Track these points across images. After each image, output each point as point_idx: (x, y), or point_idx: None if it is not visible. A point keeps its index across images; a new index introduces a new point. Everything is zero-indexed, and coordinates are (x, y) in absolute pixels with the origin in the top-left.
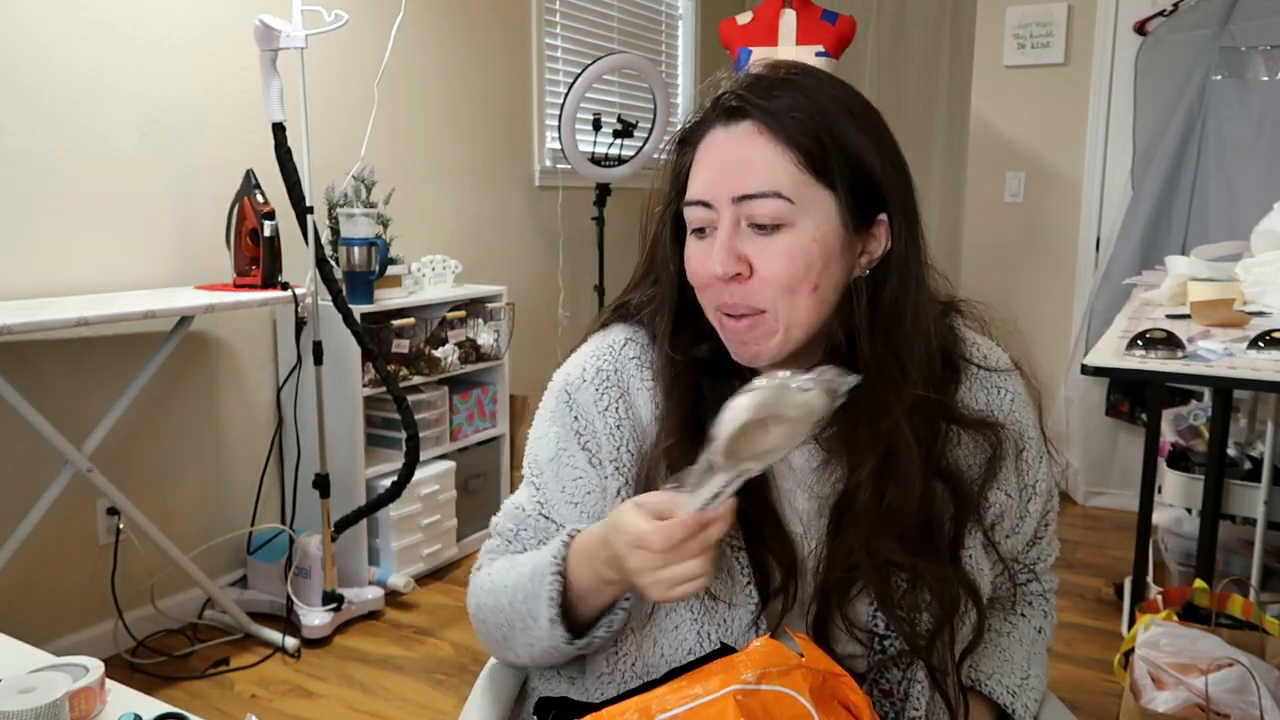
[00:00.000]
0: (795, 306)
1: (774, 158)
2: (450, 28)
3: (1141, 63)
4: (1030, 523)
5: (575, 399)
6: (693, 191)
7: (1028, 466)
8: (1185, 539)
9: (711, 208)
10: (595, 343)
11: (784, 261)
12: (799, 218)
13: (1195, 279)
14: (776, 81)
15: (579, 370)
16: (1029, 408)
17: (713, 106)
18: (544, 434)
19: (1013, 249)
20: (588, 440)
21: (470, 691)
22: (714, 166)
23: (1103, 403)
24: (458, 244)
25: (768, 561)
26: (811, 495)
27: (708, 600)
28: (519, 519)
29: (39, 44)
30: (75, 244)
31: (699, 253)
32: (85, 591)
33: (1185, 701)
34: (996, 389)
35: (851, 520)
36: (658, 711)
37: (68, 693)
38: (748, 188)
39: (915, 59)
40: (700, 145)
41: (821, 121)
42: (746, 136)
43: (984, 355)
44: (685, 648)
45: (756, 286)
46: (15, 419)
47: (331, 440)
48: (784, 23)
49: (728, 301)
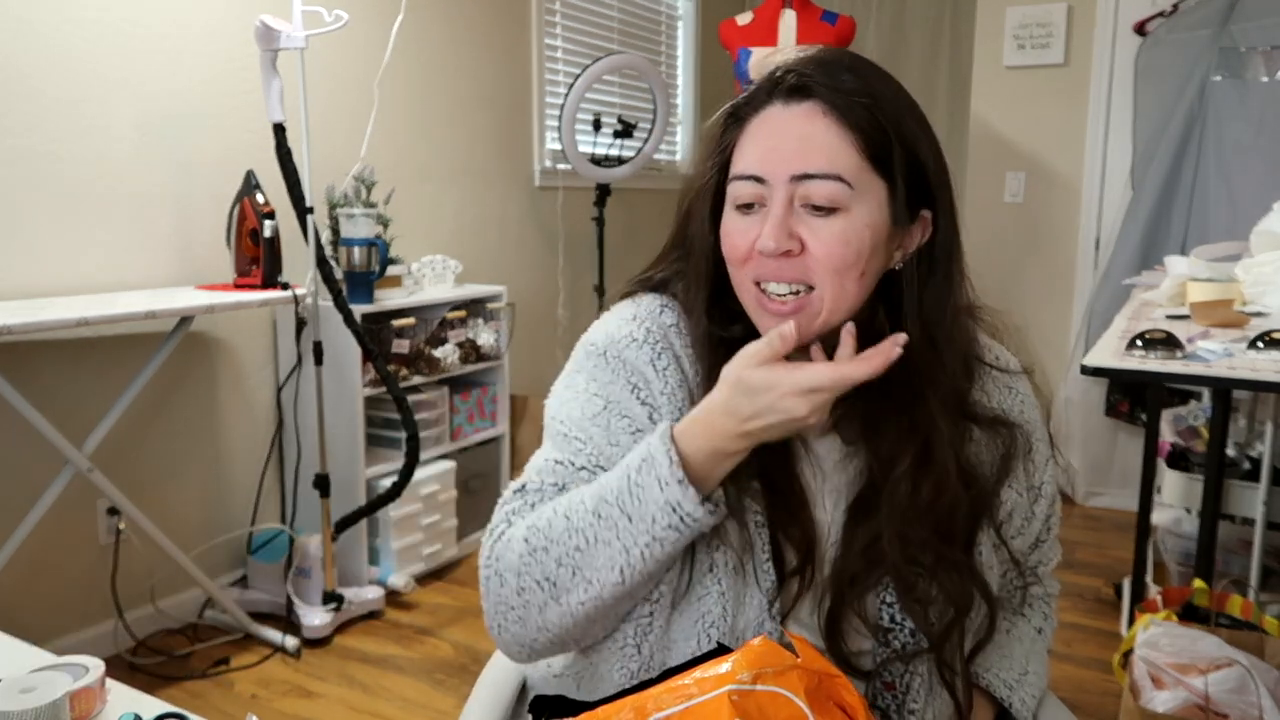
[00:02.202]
0: (842, 291)
1: (837, 140)
2: (450, 28)
3: (1141, 63)
4: (1036, 524)
5: (625, 357)
6: (744, 165)
7: (1035, 468)
8: (1185, 539)
9: (765, 183)
10: (632, 307)
11: (838, 244)
12: (854, 203)
13: (1195, 279)
14: (841, 65)
15: (625, 330)
16: (1037, 410)
17: (771, 83)
18: (582, 392)
19: (1013, 249)
20: (646, 395)
21: (470, 691)
22: (771, 143)
23: (1102, 403)
24: (458, 244)
25: (784, 545)
26: (832, 484)
27: (734, 573)
28: (561, 474)
29: (39, 44)
30: (75, 244)
31: (743, 226)
32: (85, 591)
33: (1185, 701)
34: (1009, 389)
35: (882, 511)
36: (653, 711)
37: (68, 692)
38: (809, 167)
39: (915, 59)
40: (753, 121)
41: (884, 111)
42: (810, 116)
43: (996, 357)
44: (709, 619)
45: (807, 264)
46: (15, 419)
47: (331, 440)
48: (784, 23)
49: (770, 275)
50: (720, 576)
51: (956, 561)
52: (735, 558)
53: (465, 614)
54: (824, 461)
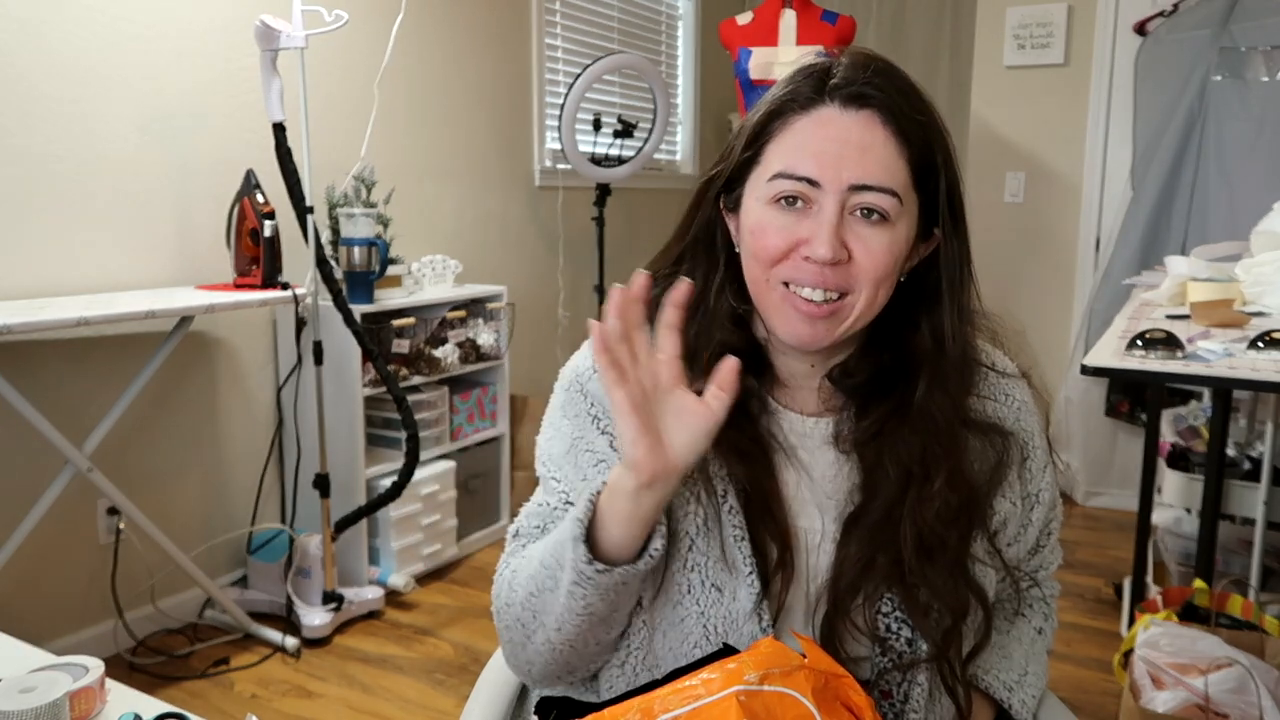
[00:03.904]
0: (875, 300)
1: (893, 154)
2: (450, 28)
3: (1141, 63)
4: (1033, 531)
5: (588, 390)
6: (793, 164)
7: (1031, 475)
8: (1185, 539)
9: (818, 186)
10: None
11: (884, 256)
12: (900, 217)
13: (1195, 279)
14: (897, 76)
15: (588, 363)
16: (1035, 416)
17: (821, 84)
18: (556, 429)
19: (1013, 249)
20: (607, 425)
21: (470, 691)
22: (828, 147)
23: (1102, 403)
24: (458, 244)
25: (769, 552)
26: (824, 492)
27: (714, 592)
28: (543, 515)
29: (39, 44)
30: (75, 244)
31: (781, 224)
32: (85, 591)
33: (1185, 701)
34: (1005, 395)
35: (876, 520)
36: (660, 712)
37: (68, 692)
38: (868, 178)
39: (915, 59)
40: (800, 119)
41: (933, 130)
42: (869, 125)
43: (993, 362)
44: (691, 640)
45: (851, 272)
46: (15, 419)
47: (331, 440)
48: (784, 23)
49: (809, 280)
50: (699, 597)
51: (951, 569)
52: (715, 574)
53: (465, 614)
54: (812, 470)
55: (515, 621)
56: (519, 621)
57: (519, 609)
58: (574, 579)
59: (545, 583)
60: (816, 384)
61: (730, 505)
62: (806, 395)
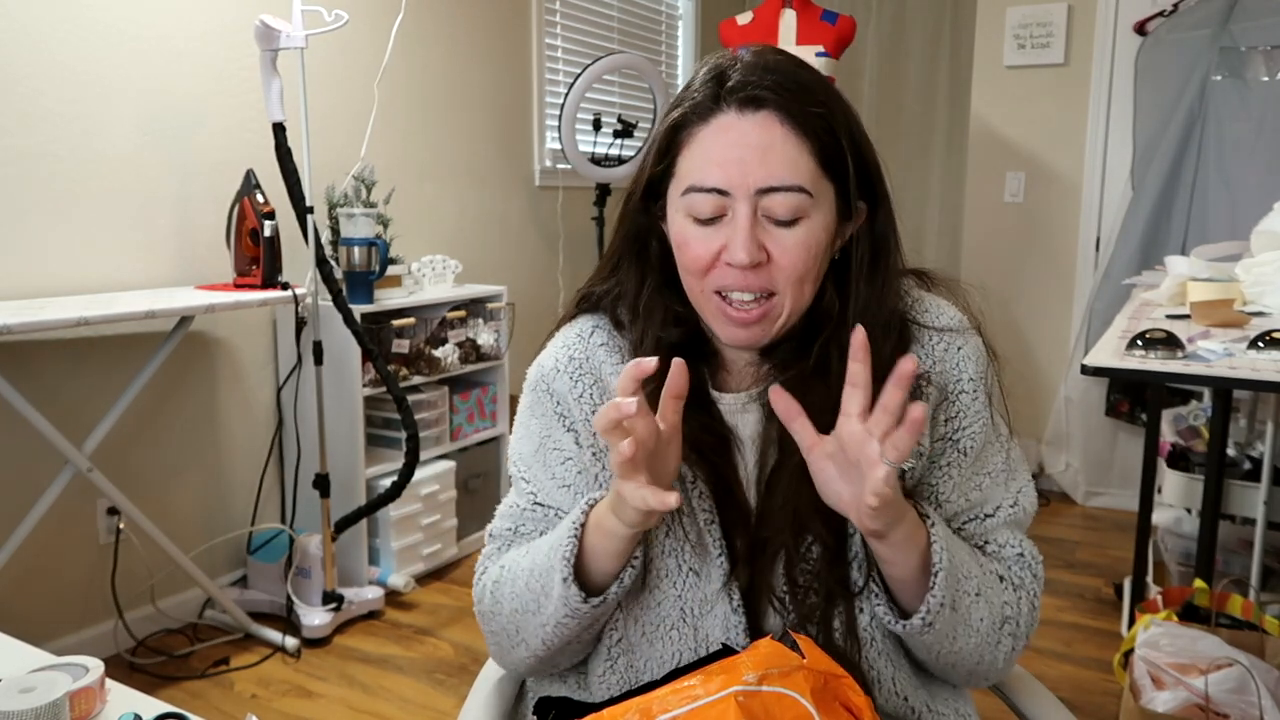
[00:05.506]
0: (801, 294)
1: (795, 150)
2: (450, 28)
3: (1141, 63)
4: (954, 480)
5: (553, 387)
6: (702, 177)
7: (949, 417)
8: (1185, 539)
9: (728, 195)
10: (563, 334)
11: (801, 253)
12: (814, 210)
13: (1195, 279)
14: (788, 70)
15: (551, 361)
16: (972, 361)
17: (718, 90)
18: (525, 428)
19: (1013, 249)
20: (572, 422)
21: (470, 691)
22: (731, 154)
23: (1102, 403)
24: (458, 244)
25: (735, 534)
26: (754, 459)
27: (690, 575)
28: (514, 516)
29: (39, 44)
30: (75, 244)
31: (702, 236)
32: (85, 591)
33: (1185, 701)
34: (945, 347)
35: (793, 471)
36: (659, 712)
37: (68, 692)
38: (773, 179)
39: (915, 59)
40: (702, 130)
41: (835, 117)
42: (767, 125)
43: (936, 317)
44: (668, 623)
45: (772, 273)
46: (15, 419)
47: (331, 440)
48: (784, 23)
49: (735, 285)
50: (675, 580)
51: (838, 525)
52: (690, 558)
53: (465, 614)
54: (742, 432)
55: (501, 630)
56: (504, 631)
57: (505, 620)
58: (566, 613)
59: (529, 604)
60: (759, 361)
61: (700, 490)
62: (752, 372)
